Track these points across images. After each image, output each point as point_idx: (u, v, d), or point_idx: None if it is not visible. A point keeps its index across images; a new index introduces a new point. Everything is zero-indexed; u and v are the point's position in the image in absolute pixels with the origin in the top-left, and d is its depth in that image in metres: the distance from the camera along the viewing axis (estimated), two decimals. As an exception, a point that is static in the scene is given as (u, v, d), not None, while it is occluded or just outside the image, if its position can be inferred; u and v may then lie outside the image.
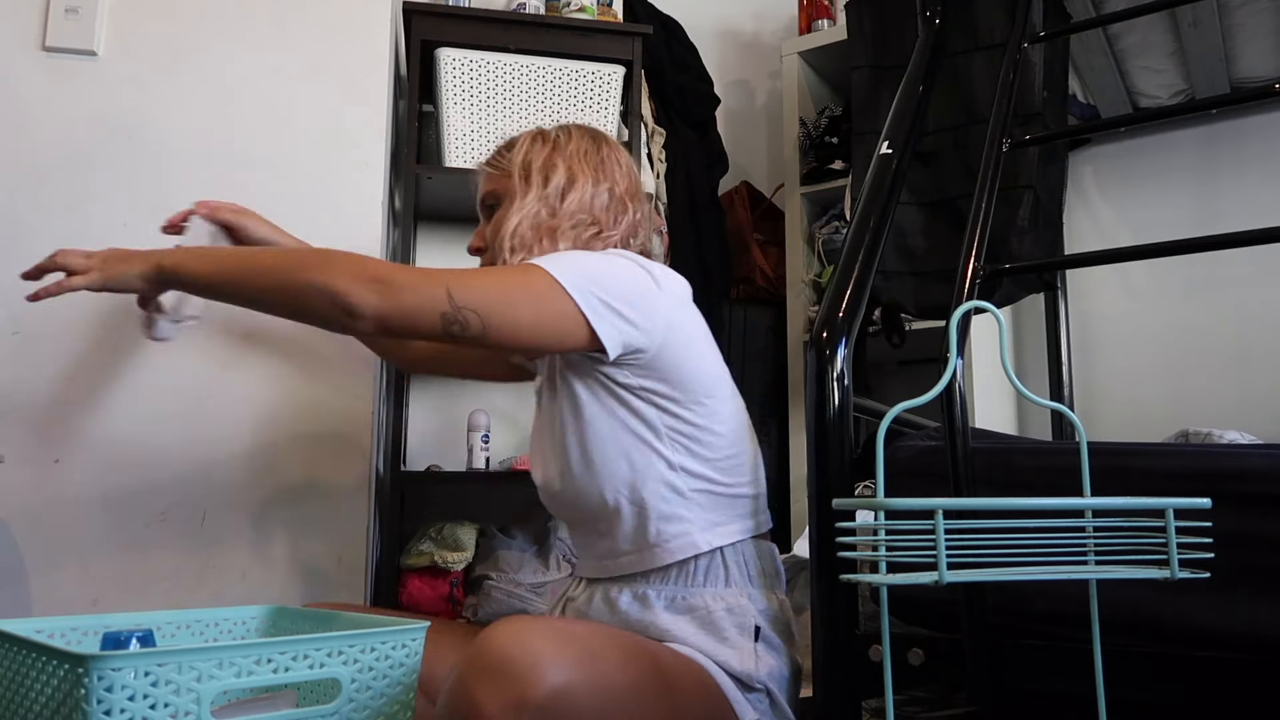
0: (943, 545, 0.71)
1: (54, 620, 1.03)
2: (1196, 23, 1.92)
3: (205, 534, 1.55)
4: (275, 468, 1.58)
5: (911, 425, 1.27)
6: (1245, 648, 0.83)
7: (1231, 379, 2.21)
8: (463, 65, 1.87)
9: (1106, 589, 0.81)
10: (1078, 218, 2.46)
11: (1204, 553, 0.75)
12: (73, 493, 1.51)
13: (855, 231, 1.10)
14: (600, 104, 1.96)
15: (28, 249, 1.56)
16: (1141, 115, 2.27)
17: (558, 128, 1.30)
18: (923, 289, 1.69)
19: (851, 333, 1.00)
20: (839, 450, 0.96)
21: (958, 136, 1.61)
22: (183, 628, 1.07)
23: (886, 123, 1.23)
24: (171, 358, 1.57)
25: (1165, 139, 2.39)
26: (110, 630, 0.96)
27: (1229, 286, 2.25)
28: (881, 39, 1.73)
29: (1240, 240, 1.01)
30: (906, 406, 0.80)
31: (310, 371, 1.61)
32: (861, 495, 1.21)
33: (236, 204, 1.40)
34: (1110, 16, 1.67)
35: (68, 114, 1.60)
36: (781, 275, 2.50)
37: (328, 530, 1.57)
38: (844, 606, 0.96)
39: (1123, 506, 0.77)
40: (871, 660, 0.94)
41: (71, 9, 1.61)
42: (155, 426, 1.56)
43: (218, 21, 1.68)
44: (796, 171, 2.50)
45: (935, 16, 1.39)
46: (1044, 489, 0.95)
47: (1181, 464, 0.93)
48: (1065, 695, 0.89)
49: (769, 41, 2.84)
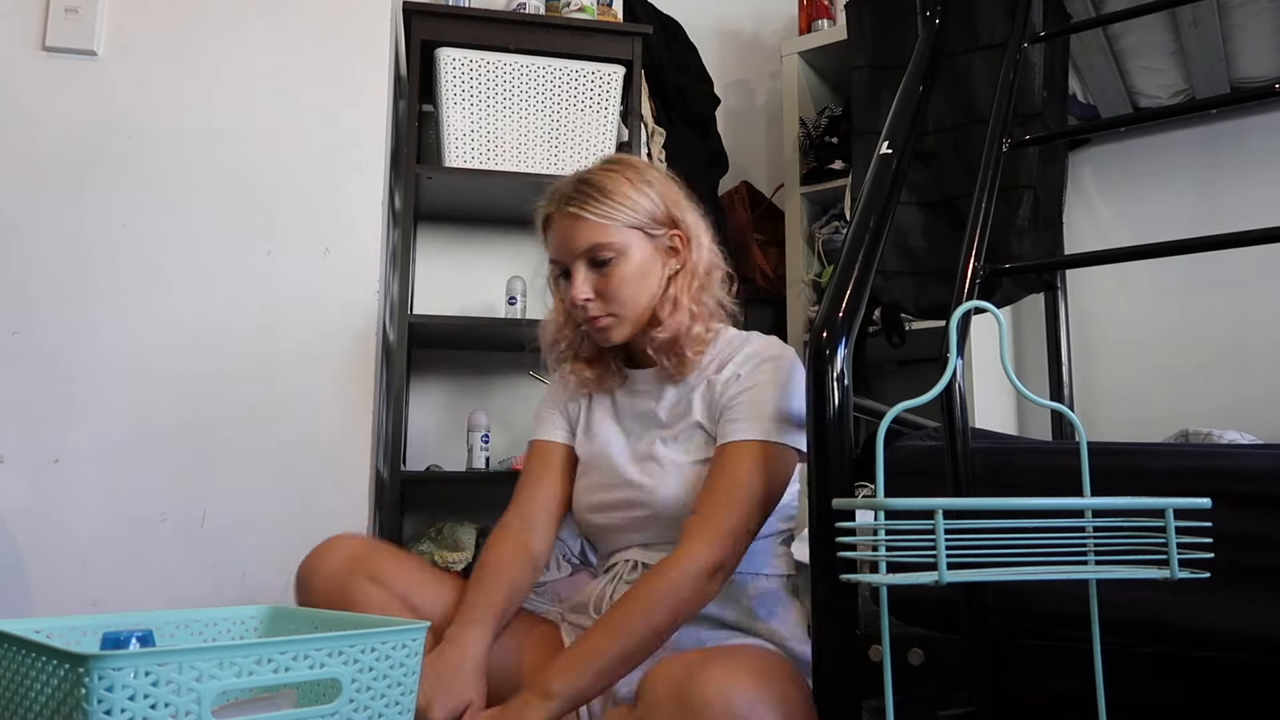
0: (943, 545, 0.70)
1: (54, 620, 1.03)
2: (1196, 23, 1.91)
3: (205, 534, 1.55)
4: (275, 467, 1.58)
5: (911, 425, 1.27)
6: (1245, 648, 0.83)
7: (1231, 379, 2.21)
8: (463, 65, 1.87)
9: (1106, 589, 0.81)
10: (1078, 218, 2.46)
11: (1204, 553, 0.75)
12: (73, 493, 1.52)
13: (855, 231, 1.09)
14: (600, 104, 1.97)
15: (28, 249, 1.57)
16: (1141, 115, 2.27)
17: (636, 162, 1.30)
18: (923, 289, 1.69)
19: (851, 333, 1.00)
20: (839, 450, 0.96)
21: (958, 136, 1.61)
22: (181, 627, 1.07)
23: (886, 123, 1.23)
24: (171, 358, 1.58)
25: (1165, 139, 2.39)
26: (110, 630, 0.96)
27: (1229, 286, 2.25)
28: (881, 39, 1.73)
29: (1240, 240, 1.01)
30: (906, 406, 0.80)
31: (310, 372, 1.61)
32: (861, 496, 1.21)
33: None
34: (1110, 16, 1.67)
35: (68, 114, 1.61)
36: (781, 275, 2.49)
37: (328, 530, 1.57)
38: (844, 606, 0.95)
39: (1123, 506, 0.77)
40: (871, 660, 0.94)
41: (71, 9, 1.61)
42: (155, 426, 1.56)
43: (218, 22, 1.68)
44: (796, 171, 2.50)
45: (935, 16, 1.39)
46: (1044, 489, 0.94)
47: (1181, 464, 0.93)
48: (1065, 695, 0.89)
49: (769, 41, 2.84)
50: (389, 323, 1.84)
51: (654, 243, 1.24)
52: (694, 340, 1.24)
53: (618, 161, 1.29)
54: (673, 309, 1.23)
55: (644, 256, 1.23)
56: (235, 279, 1.62)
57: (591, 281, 1.21)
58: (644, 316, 1.24)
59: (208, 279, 1.62)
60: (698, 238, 1.27)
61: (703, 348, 1.25)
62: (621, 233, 1.21)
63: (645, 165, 1.30)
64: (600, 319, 1.23)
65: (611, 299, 1.21)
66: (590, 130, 1.97)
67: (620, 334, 1.24)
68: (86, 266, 1.58)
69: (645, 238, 1.23)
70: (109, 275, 1.58)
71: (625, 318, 1.23)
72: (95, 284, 1.58)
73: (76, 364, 1.55)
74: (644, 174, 1.26)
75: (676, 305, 1.23)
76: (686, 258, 1.26)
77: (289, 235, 1.64)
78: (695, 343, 1.24)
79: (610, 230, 1.21)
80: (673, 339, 1.23)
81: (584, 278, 1.21)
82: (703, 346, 1.25)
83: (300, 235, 1.64)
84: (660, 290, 1.24)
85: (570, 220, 1.21)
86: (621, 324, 1.23)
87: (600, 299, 1.22)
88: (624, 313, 1.23)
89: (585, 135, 1.96)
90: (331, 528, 1.58)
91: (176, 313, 1.60)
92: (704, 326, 1.26)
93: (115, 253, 1.59)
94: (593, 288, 1.21)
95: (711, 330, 1.27)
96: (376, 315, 1.66)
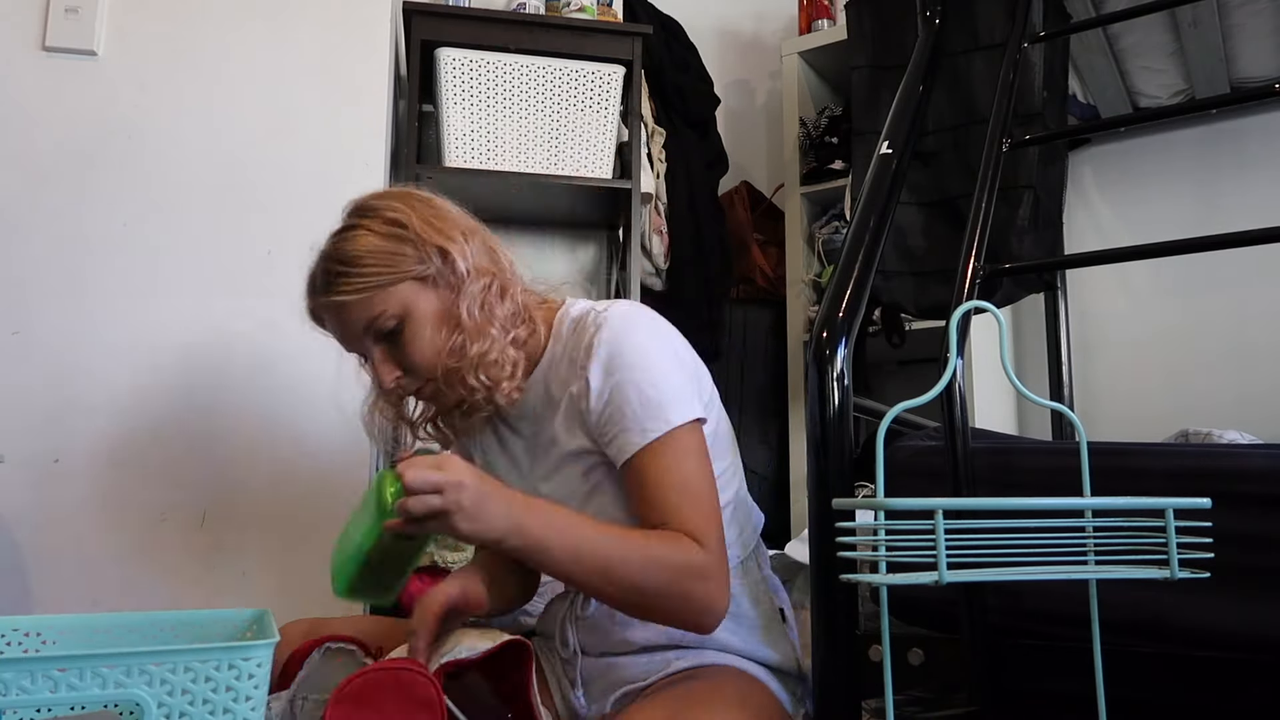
0: (943, 545, 0.70)
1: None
2: (1196, 23, 1.92)
3: (205, 534, 1.55)
4: (275, 467, 1.58)
5: (911, 425, 1.27)
6: (1245, 648, 0.83)
7: (1231, 379, 2.21)
8: (463, 65, 1.87)
9: (1106, 589, 0.81)
10: (1078, 218, 2.46)
11: (1204, 553, 0.75)
12: (73, 493, 1.52)
13: (855, 231, 1.09)
14: (600, 104, 1.97)
15: (28, 249, 1.57)
16: (1141, 115, 2.27)
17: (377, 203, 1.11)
18: (923, 289, 1.69)
19: (851, 333, 1.00)
20: (839, 450, 0.96)
21: (958, 136, 1.61)
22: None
23: (886, 123, 1.23)
24: (171, 358, 1.58)
25: (1165, 139, 2.39)
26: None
27: (1229, 286, 2.25)
28: (881, 39, 1.73)
29: (1240, 240, 1.01)
30: (906, 406, 0.80)
31: (310, 371, 1.61)
32: (861, 496, 1.21)
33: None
34: (1110, 16, 1.67)
35: (68, 114, 1.60)
36: (781, 275, 2.50)
37: (328, 530, 1.57)
38: (844, 606, 0.96)
39: (1123, 506, 0.77)
40: (871, 660, 0.94)
41: (71, 9, 1.61)
42: (155, 426, 1.56)
43: (218, 22, 1.68)
44: (796, 171, 2.50)
45: (935, 16, 1.39)
46: (1044, 489, 0.94)
47: (1181, 464, 0.93)
48: (1065, 695, 0.89)
49: (769, 41, 2.84)
50: (389, 323, 1.84)
51: (434, 283, 1.06)
52: (491, 366, 1.06)
53: (361, 212, 1.10)
54: (470, 341, 1.05)
55: (431, 304, 1.06)
56: (235, 279, 1.62)
57: (390, 357, 1.06)
58: (441, 364, 1.07)
59: (207, 279, 1.62)
60: (462, 253, 1.07)
61: (512, 370, 1.07)
62: (391, 294, 1.04)
63: (388, 202, 1.10)
64: (423, 390, 1.08)
65: (418, 366, 1.06)
66: (590, 130, 1.97)
67: (454, 393, 1.07)
68: (86, 266, 1.58)
69: (420, 284, 1.06)
70: (109, 275, 1.58)
71: (438, 379, 1.07)
72: (95, 284, 1.58)
73: (76, 364, 1.55)
74: (389, 213, 1.08)
75: (475, 335, 1.05)
76: (459, 282, 1.07)
77: (289, 235, 1.64)
78: (494, 369, 1.06)
79: (377, 299, 1.04)
80: (475, 377, 1.05)
81: (381, 358, 1.06)
82: (510, 369, 1.07)
83: (300, 235, 1.63)
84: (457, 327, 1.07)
85: (335, 309, 1.06)
86: (440, 387, 1.07)
87: (408, 372, 1.06)
88: (435, 374, 1.06)
89: (585, 135, 1.96)
90: (331, 527, 1.58)
91: (176, 312, 1.60)
92: (502, 347, 1.07)
93: (115, 253, 1.59)
94: (394, 363, 1.06)
95: (521, 334, 1.09)
96: (376, 315, 1.67)
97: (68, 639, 1.01)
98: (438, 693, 0.87)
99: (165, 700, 0.79)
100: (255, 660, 0.84)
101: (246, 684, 0.84)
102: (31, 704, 0.76)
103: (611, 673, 1.09)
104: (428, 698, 0.87)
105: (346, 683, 0.86)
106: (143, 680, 0.78)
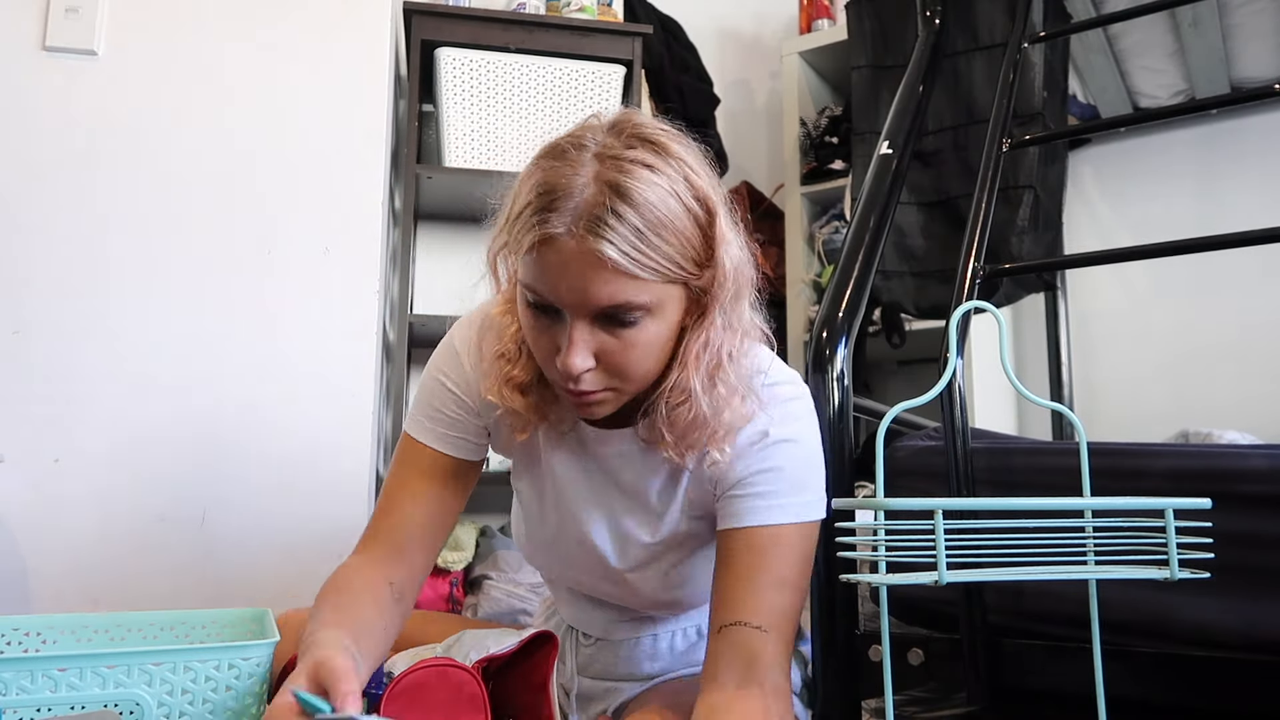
0: (942, 545, 0.70)
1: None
2: (1196, 23, 1.92)
3: (205, 534, 1.55)
4: (275, 467, 1.58)
5: (911, 425, 1.27)
6: (1245, 648, 0.83)
7: (1231, 379, 2.21)
8: (463, 65, 1.87)
9: (1106, 589, 0.81)
10: (1078, 218, 2.46)
11: (1204, 553, 0.75)
12: (73, 493, 1.51)
13: (855, 231, 1.10)
14: (600, 104, 1.96)
15: (27, 248, 1.57)
16: (1141, 115, 2.27)
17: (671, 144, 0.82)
18: (922, 289, 1.69)
19: (851, 333, 1.00)
20: (839, 450, 0.96)
21: (958, 136, 1.61)
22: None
23: (886, 123, 1.23)
24: (171, 358, 1.57)
25: (1165, 139, 2.39)
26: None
27: (1229, 286, 2.25)
28: (881, 39, 1.73)
29: (1240, 240, 1.01)
30: (906, 406, 0.80)
31: (309, 371, 1.61)
32: (861, 496, 1.21)
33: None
34: (1110, 16, 1.67)
35: (68, 114, 1.60)
36: (781, 275, 2.50)
37: (328, 530, 1.57)
38: (844, 606, 0.96)
39: (1123, 506, 0.77)
40: (871, 660, 0.94)
41: (71, 9, 1.61)
42: (155, 426, 1.56)
43: (217, 22, 1.68)
44: (796, 171, 2.50)
45: (935, 16, 1.39)
46: (1044, 489, 0.94)
47: (1181, 464, 0.93)
48: (1065, 695, 0.89)
49: (769, 41, 2.84)
50: (389, 322, 1.84)
51: (689, 292, 0.83)
52: (724, 428, 0.86)
53: (653, 147, 0.80)
54: (689, 372, 0.84)
55: (675, 315, 0.83)
56: (235, 279, 1.62)
57: (595, 345, 0.80)
58: (648, 382, 0.86)
59: (207, 278, 1.62)
60: (729, 252, 0.84)
61: (731, 437, 0.87)
62: (659, 288, 0.79)
63: (682, 148, 0.82)
64: (594, 394, 0.83)
65: (618, 371, 0.82)
66: (590, 130, 1.96)
67: (612, 409, 0.86)
68: (86, 266, 1.58)
69: (683, 291, 0.82)
70: (109, 275, 1.58)
71: (627, 393, 0.85)
72: (95, 284, 1.58)
73: (76, 364, 1.55)
74: (684, 167, 0.80)
75: (693, 370, 0.84)
76: (715, 296, 0.83)
77: (289, 235, 1.64)
78: (723, 431, 0.86)
79: (645, 286, 0.78)
80: (691, 423, 0.85)
81: (586, 340, 0.80)
82: (731, 435, 0.87)
83: (300, 235, 1.63)
84: (672, 346, 0.85)
85: (589, 260, 0.76)
86: (620, 398, 0.85)
87: (603, 369, 0.82)
88: (629, 388, 0.84)
89: (585, 135, 1.96)
90: (331, 527, 1.59)
91: (176, 312, 1.60)
92: (737, 403, 0.86)
93: (115, 253, 1.59)
94: (593, 353, 0.80)
95: (745, 397, 0.87)
96: (376, 315, 1.66)
97: (68, 639, 1.01)
98: (483, 692, 0.88)
99: (165, 700, 0.78)
100: (255, 660, 0.84)
101: (246, 684, 0.83)
102: (31, 704, 0.76)
103: (610, 696, 1.08)
104: (474, 695, 0.87)
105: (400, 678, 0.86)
106: (142, 680, 0.78)
